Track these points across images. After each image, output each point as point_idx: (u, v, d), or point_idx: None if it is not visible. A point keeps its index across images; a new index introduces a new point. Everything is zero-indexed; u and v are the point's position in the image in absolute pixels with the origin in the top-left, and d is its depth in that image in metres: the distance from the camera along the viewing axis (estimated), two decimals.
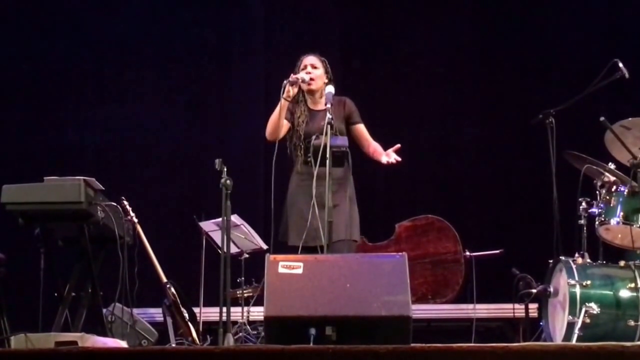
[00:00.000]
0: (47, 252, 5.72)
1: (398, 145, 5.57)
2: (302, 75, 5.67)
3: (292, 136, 5.74)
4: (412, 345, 4.32)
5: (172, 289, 6.63)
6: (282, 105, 5.59)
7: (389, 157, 5.55)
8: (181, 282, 6.83)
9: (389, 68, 8.44)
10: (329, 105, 5.42)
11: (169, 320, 6.67)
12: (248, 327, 6.89)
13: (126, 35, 8.46)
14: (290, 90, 5.59)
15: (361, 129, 5.79)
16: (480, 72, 8.36)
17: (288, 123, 5.70)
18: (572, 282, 5.43)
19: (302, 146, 5.68)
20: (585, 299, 5.38)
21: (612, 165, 5.72)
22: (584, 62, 7.60)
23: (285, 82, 5.57)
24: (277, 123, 5.63)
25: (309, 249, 5.43)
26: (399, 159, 5.55)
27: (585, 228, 5.75)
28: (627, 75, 5.88)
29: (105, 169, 7.94)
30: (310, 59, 5.77)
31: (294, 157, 5.74)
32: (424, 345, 4.13)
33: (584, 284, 5.42)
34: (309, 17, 8.49)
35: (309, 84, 5.69)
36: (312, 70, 5.73)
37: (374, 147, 5.74)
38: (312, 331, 4.43)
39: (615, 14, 8.16)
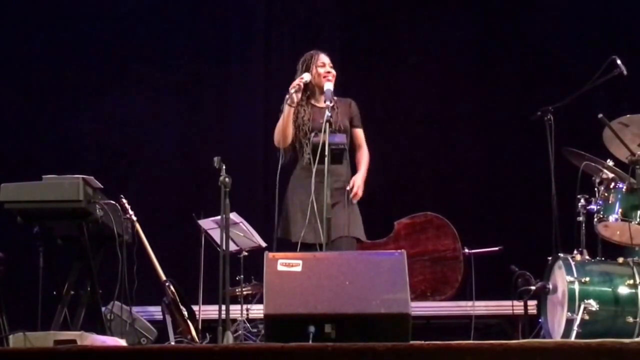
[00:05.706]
0: (46, 251, 5.70)
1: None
2: (304, 76, 5.67)
3: (297, 134, 5.73)
4: (411, 342, 4.31)
5: (171, 287, 6.62)
6: (289, 112, 5.63)
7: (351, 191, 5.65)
8: (180, 280, 6.82)
9: (388, 67, 8.44)
10: (328, 103, 5.42)
11: (168, 319, 6.67)
12: (247, 324, 6.89)
13: (126, 33, 8.45)
14: (294, 97, 5.61)
15: (359, 133, 5.87)
16: (479, 70, 8.36)
17: (292, 125, 5.71)
18: (571, 279, 5.43)
19: (305, 143, 5.68)
20: (584, 296, 5.39)
21: (610, 162, 5.73)
22: (582, 59, 7.59)
23: (291, 91, 5.58)
24: (286, 130, 5.66)
25: (308, 246, 5.43)
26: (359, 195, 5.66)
27: (583, 225, 5.76)
28: (625, 72, 5.88)
29: (104, 167, 7.93)
30: (327, 58, 5.80)
31: (285, 156, 5.73)
32: (423, 342, 4.13)
33: (583, 280, 5.43)
34: (309, 16, 8.48)
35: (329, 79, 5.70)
36: (330, 69, 5.75)
37: (359, 157, 5.83)
38: (312, 329, 4.43)
39: (614, 10, 8.15)
